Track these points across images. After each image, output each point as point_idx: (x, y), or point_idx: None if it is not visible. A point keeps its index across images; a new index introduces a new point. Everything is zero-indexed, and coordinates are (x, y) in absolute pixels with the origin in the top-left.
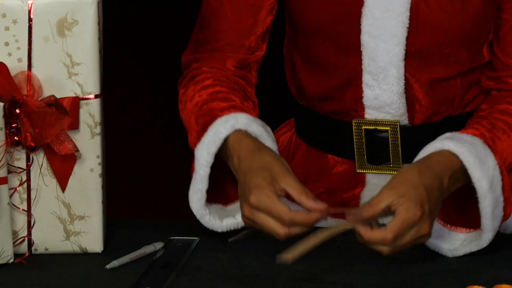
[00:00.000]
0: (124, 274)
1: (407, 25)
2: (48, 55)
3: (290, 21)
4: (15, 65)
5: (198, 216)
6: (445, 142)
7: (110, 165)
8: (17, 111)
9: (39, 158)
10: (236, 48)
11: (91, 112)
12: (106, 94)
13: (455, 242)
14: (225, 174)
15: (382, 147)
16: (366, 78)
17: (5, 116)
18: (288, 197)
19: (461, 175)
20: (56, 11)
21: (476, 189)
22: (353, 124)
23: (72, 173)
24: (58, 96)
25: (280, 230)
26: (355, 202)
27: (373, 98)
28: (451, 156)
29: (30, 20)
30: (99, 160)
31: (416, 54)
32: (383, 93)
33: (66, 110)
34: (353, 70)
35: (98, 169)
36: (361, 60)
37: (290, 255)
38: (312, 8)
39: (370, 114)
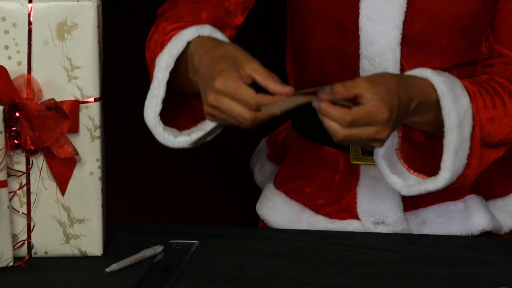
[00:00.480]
0: (123, 277)
1: (404, 9)
2: (48, 58)
3: (290, 6)
4: (15, 69)
5: (151, 125)
6: (427, 70)
7: (109, 169)
8: (17, 114)
9: (39, 162)
10: (214, 5)
11: (90, 116)
12: (105, 98)
13: (413, 181)
14: (181, 105)
15: None
16: (364, 63)
17: (4, 119)
18: (254, 85)
19: (433, 107)
20: (56, 15)
21: (444, 122)
22: None
23: (72, 176)
24: (57, 99)
25: (246, 114)
26: (351, 196)
27: None
28: (429, 87)
29: (30, 23)
30: (99, 164)
31: (413, 40)
32: None
33: (66, 114)
34: (350, 56)
35: (97, 173)
36: (358, 45)
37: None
38: None
39: None
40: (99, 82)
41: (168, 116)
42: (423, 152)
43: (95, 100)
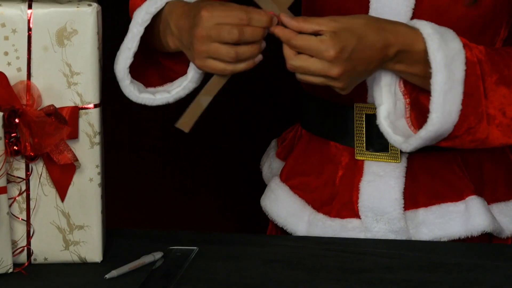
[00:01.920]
0: (123, 284)
1: (413, 5)
2: (48, 64)
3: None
4: (15, 75)
5: (119, 76)
6: (416, 20)
7: (109, 175)
8: (17, 120)
9: (39, 168)
10: None
11: (90, 122)
12: (105, 104)
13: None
14: (150, 62)
15: (380, 134)
16: None
17: (4, 125)
18: None
19: (420, 57)
20: (56, 21)
21: (430, 62)
22: (355, 108)
23: (72, 182)
24: (57, 105)
25: (234, 30)
26: (354, 192)
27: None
28: (417, 35)
29: (29, 29)
30: (99, 170)
31: None
32: None
33: (66, 120)
34: None
35: (97, 179)
36: None
37: (186, 126)
38: None
39: (372, 97)
40: (98, 88)
41: (137, 72)
42: None
43: (95, 106)
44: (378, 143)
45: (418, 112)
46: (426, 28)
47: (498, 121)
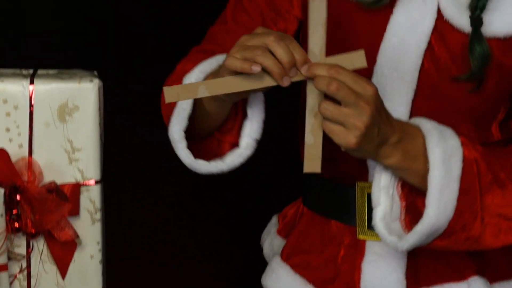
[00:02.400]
0: None
1: (414, 86)
2: (49, 140)
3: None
4: (16, 151)
5: (176, 138)
6: (414, 118)
7: (110, 251)
8: (18, 197)
9: (39, 245)
10: None
11: (91, 198)
12: (106, 180)
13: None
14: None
15: None
16: None
17: (5, 202)
18: None
19: (419, 153)
20: (57, 97)
21: (429, 157)
22: (357, 187)
23: (72, 259)
24: (58, 182)
25: (271, 32)
26: (356, 272)
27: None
28: (417, 130)
29: (31, 105)
30: (99, 247)
31: None
32: None
33: (67, 196)
34: None
35: (98, 256)
36: None
37: (172, 95)
38: None
39: (373, 176)
40: (100, 164)
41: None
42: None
43: (96, 182)
44: None
45: (413, 216)
46: (426, 124)
47: (491, 220)
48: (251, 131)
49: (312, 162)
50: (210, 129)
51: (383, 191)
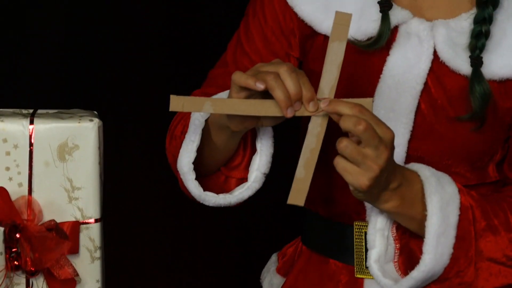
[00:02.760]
0: None
1: (411, 128)
2: (49, 179)
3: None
4: (16, 190)
5: (185, 170)
6: (412, 163)
7: None
8: (17, 235)
9: (39, 283)
10: None
11: (91, 237)
12: (106, 218)
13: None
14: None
15: None
16: None
17: (5, 240)
18: None
19: (417, 198)
20: (57, 136)
21: (426, 204)
22: (355, 227)
23: None
24: (58, 220)
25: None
26: None
27: None
28: (415, 176)
29: (31, 145)
30: (99, 285)
31: (418, 159)
32: None
33: (66, 235)
34: None
35: None
36: None
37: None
38: None
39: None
40: (99, 203)
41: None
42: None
43: (96, 221)
44: None
45: (406, 257)
46: (424, 171)
47: (483, 265)
48: (260, 165)
49: (297, 195)
50: (217, 164)
51: (379, 233)
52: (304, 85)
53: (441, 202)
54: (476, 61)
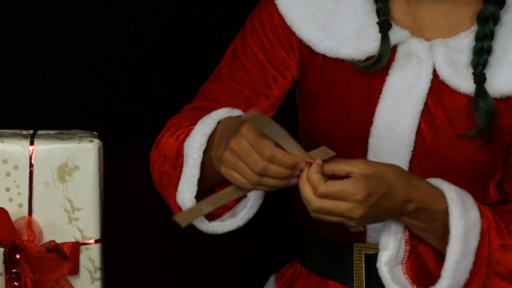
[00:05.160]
0: None
1: (411, 148)
2: (49, 200)
3: (301, 136)
4: (16, 211)
5: (187, 206)
6: (438, 179)
7: None
8: (17, 256)
9: None
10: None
11: (91, 257)
12: (106, 239)
13: None
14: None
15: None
16: None
17: (5, 261)
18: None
19: (439, 216)
20: (57, 157)
21: (450, 229)
22: (354, 249)
23: None
24: (58, 241)
25: (259, 162)
26: None
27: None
28: (439, 195)
29: (31, 165)
30: None
31: None
32: None
33: (66, 255)
34: None
35: None
36: None
37: (183, 221)
38: (322, 123)
39: (371, 237)
40: (99, 223)
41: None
42: (426, 266)
43: (96, 241)
44: (377, 283)
45: (414, 259)
46: (451, 193)
47: (491, 283)
48: None
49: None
50: (214, 184)
51: (392, 236)
52: (282, 163)
53: (465, 228)
54: (480, 77)
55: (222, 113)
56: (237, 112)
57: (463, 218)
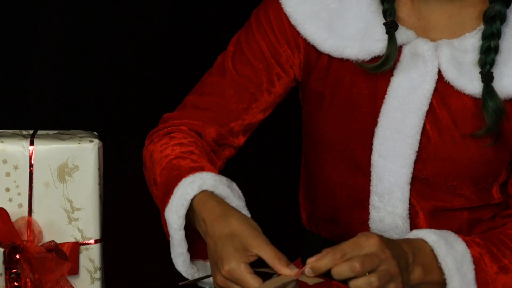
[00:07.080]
0: None
1: (416, 148)
2: (49, 200)
3: (306, 137)
4: (16, 211)
5: (189, 276)
6: (414, 230)
7: None
8: (17, 256)
9: None
10: (221, 123)
11: (91, 257)
12: (106, 239)
13: None
14: (193, 234)
15: None
16: (373, 200)
17: (5, 261)
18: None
19: (432, 263)
20: (57, 157)
21: (442, 268)
22: None
23: None
24: (58, 241)
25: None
26: None
27: (378, 221)
28: (421, 242)
29: (31, 166)
30: None
31: (423, 181)
32: (387, 215)
33: (66, 256)
34: (361, 191)
35: None
36: (369, 181)
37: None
38: (327, 123)
39: None
40: (99, 223)
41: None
42: None
43: (96, 241)
44: None
45: None
46: (430, 235)
47: None
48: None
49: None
50: None
51: None
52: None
53: (456, 262)
54: (487, 76)
55: (192, 191)
56: (205, 185)
57: (450, 253)
